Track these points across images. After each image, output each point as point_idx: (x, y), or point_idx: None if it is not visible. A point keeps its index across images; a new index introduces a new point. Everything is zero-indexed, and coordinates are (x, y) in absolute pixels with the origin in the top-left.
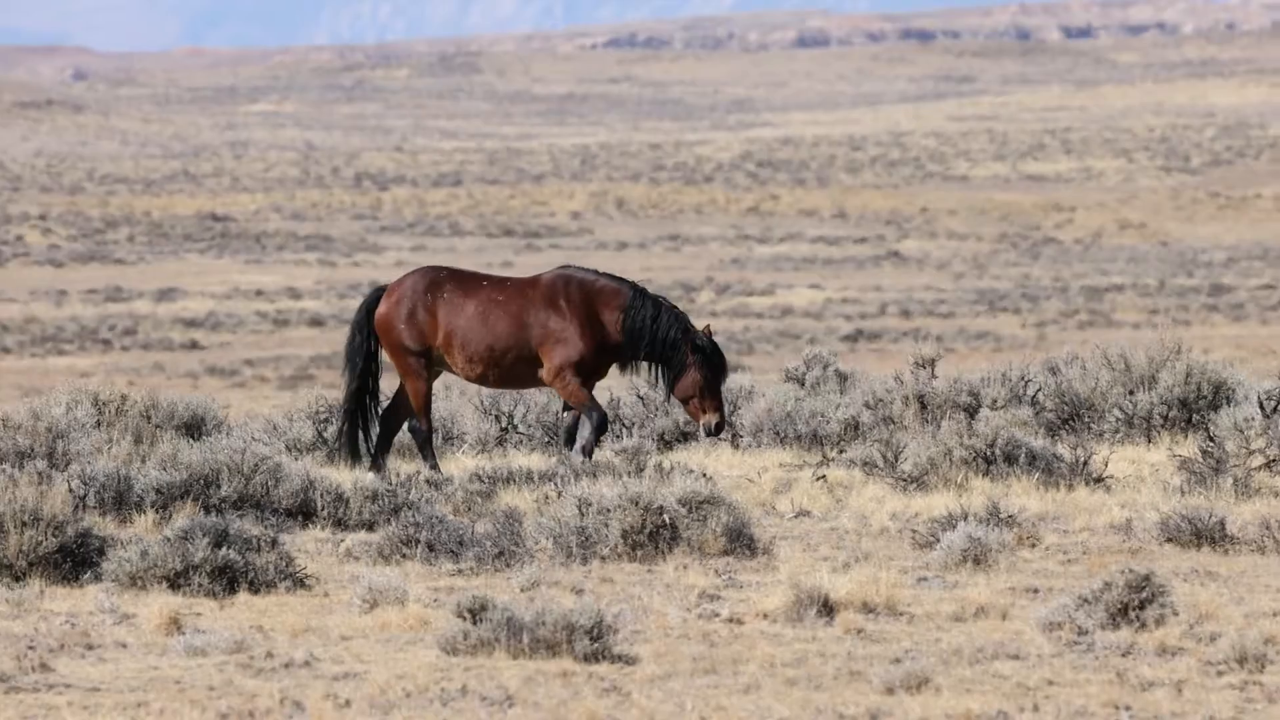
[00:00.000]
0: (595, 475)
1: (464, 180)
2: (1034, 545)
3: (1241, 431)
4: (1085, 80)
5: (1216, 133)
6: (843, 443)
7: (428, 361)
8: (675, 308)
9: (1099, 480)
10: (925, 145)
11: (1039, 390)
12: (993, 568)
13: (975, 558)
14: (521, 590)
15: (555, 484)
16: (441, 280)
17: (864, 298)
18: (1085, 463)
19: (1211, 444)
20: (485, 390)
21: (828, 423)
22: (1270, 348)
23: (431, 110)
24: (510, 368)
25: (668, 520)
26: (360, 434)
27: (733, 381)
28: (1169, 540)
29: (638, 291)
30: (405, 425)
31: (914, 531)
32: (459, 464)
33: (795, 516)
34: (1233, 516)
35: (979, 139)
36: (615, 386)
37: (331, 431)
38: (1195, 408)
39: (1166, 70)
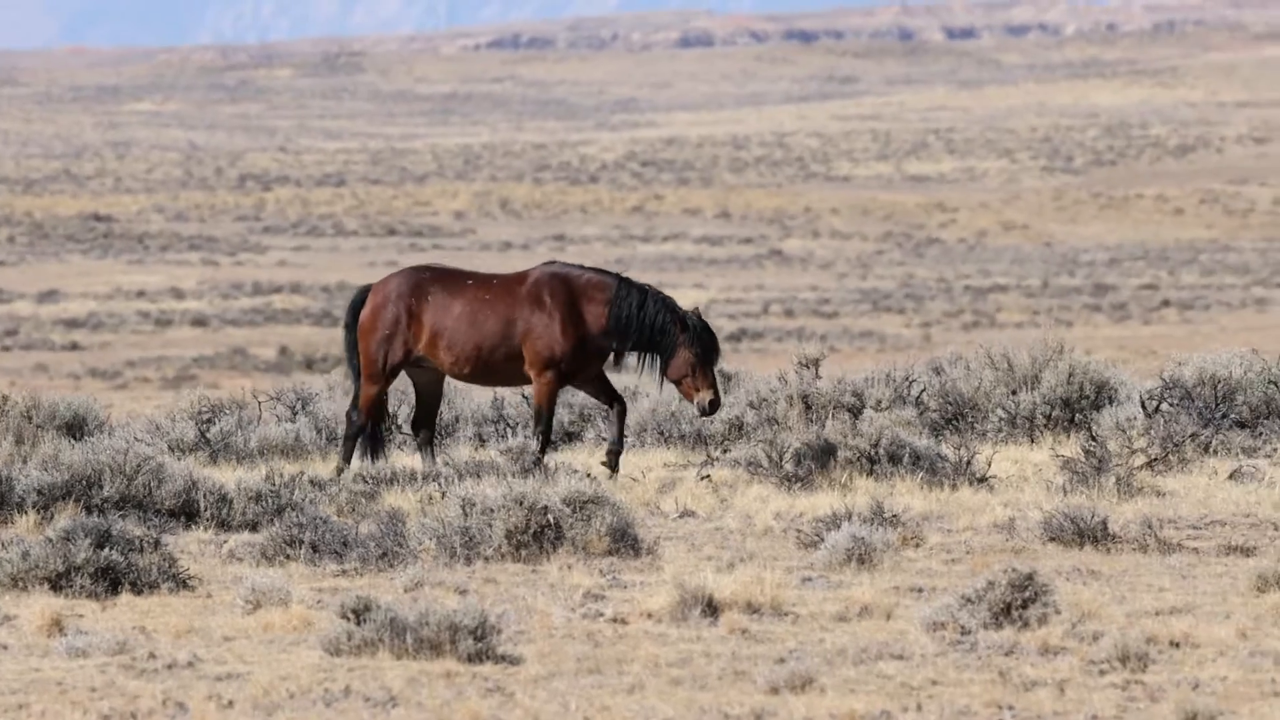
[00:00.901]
0: (479, 474)
1: (348, 180)
2: (918, 545)
3: (1124, 431)
4: (968, 81)
5: (1099, 133)
6: (727, 442)
7: (395, 370)
8: (661, 293)
9: (982, 480)
10: (809, 145)
11: (923, 390)
12: (877, 567)
13: (859, 557)
14: (405, 591)
15: (439, 484)
16: (425, 281)
17: (748, 297)
18: (969, 462)
19: (1094, 443)
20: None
21: (712, 422)
22: (1152, 348)
23: (315, 110)
24: (499, 365)
25: (552, 520)
26: (348, 440)
27: (615, 381)
28: (1052, 539)
29: (623, 282)
30: (346, 413)
31: (798, 531)
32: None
33: (680, 516)
34: (1115, 516)
35: (862, 139)
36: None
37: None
38: (1078, 407)
39: (1049, 71)
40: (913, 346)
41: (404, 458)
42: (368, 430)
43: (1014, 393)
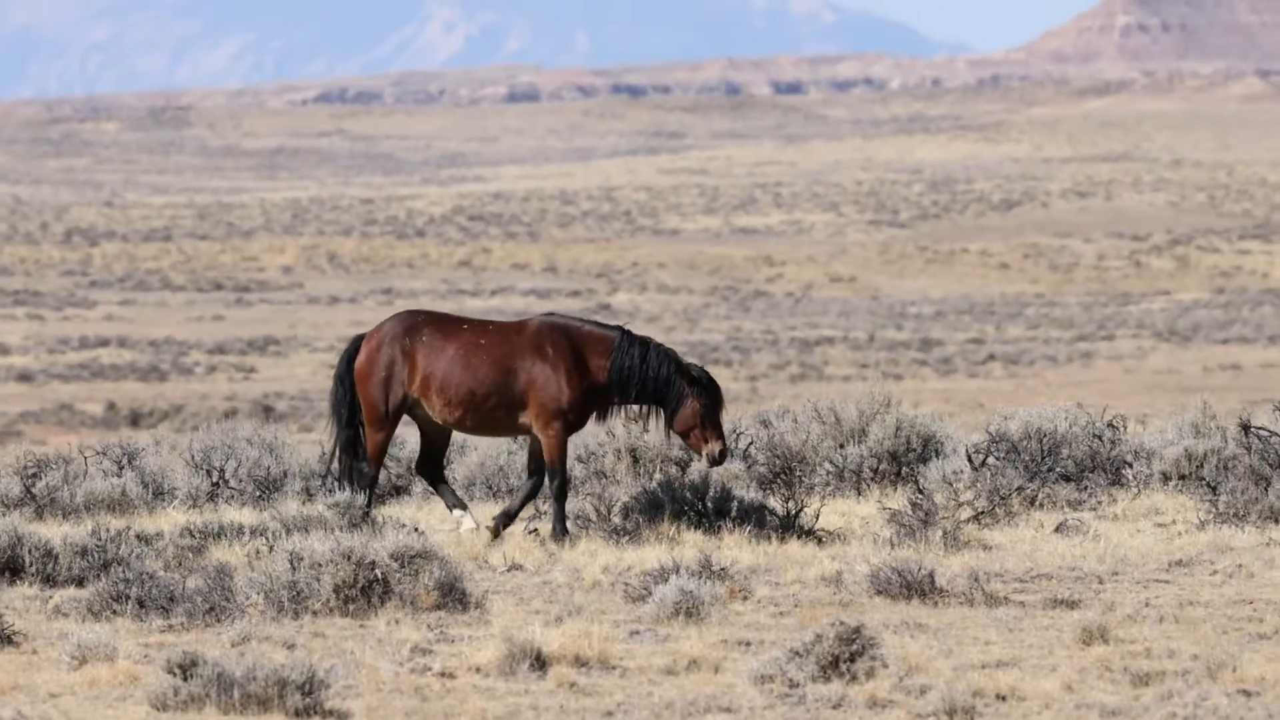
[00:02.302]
0: (307, 529)
1: (174, 235)
2: (746, 598)
3: (950, 484)
4: (795, 135)
5: (924, 187)
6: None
7: (397, 414)
8: (663, 346)
9: (810, 533)
10: (636, 199)
11: (751, 443)
12: (705, 621)
13: (687, 611)
14: (232, 645)
15: (266, 539)
16: (419, 325)
17: None
18: (797, 515)
19: (921, 496)
20: (195, 446)
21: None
22: (978, 401)
23: (142, 165)
24: (490, 413)
25: (380, 575)
26: (356, 488)
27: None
28: (879, 593)
29: (625, 334)
30: (354, 463)
31: (626, 585)
32: (169, 519)
33: (508, 570)
34: (942, 569)
35: (690, 193)
36: (327, 440)
37: (328, 481)
38: (905, 461)
39: (875, 126)
40: (740, 399)
41: (232, 512)
42: (360, 469)
43: (841, 446)
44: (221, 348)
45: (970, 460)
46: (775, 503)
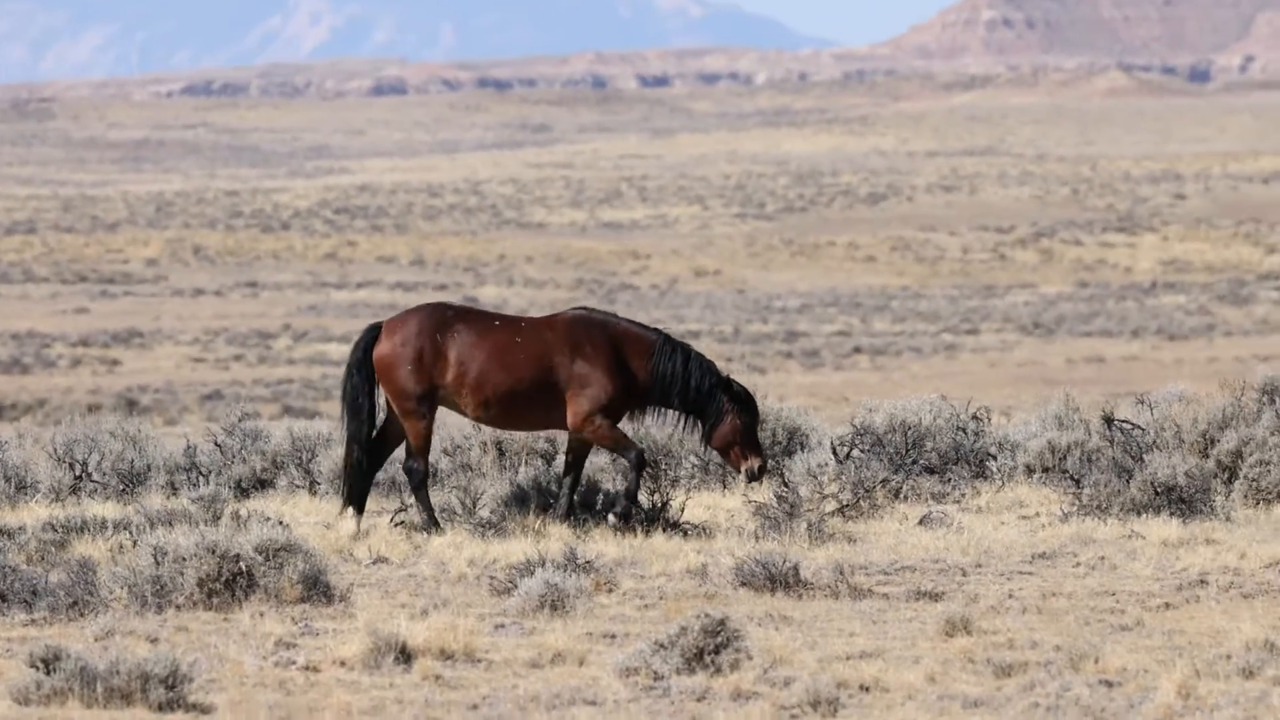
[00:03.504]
0: (171, 522)
1: (38, 227)
2: (611, 591)
3: (815, 477)
4: (661, 129)
5: (790, 181)
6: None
7: (431, 402)
8: (703, 355)
9: (676, 526)
10: (502, 193)
11: None
12: (570, 613)
13: (553, 604)
14: (96, 640)
15: (130, 532)
16: (451, 319)
17: None
18: (662, 509)
19: (786, 489)
20: (58, 439)
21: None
22: (844, 394)
23: (5, 157)
24: (524, 408)
25: (244, 568)
26: (366, 480)
27: (309, 429)
28: (744, 585)
29: (665, 338)
30: (402, 465)
31: (492, 578)
32: (32, 512)
33: (373, 563)
34: (806, 561)
35: (555, 186)
36: (191, 433)
37: (334, 473)
38: (770, 454)
39: (741, 119)
40: None
41: (95, 506)
42: (364, 467)
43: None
44: (85, 340)
45: (835, 453)
46: (641, 495)
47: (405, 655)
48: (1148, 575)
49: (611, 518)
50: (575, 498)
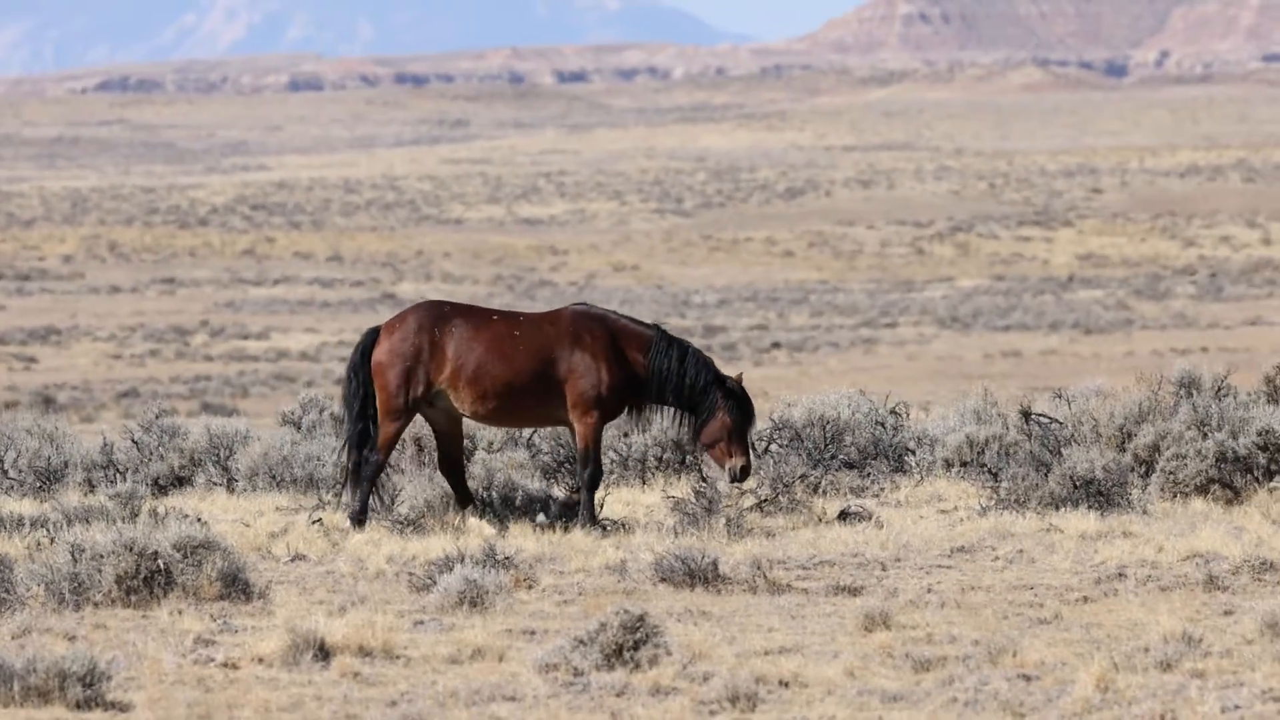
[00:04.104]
0: (89, 520)
1: None
2: (530, 587)
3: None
4: (579, 124)
5: (708, 176)
6: (339, 486)
7: (416, 406)
8: (700, 352)
9: (595, 522)
10: (420, 188)
11: (534, 432)
12: (489, 610)
13: (472, 600)
14: (13, 638)
15: (47, 530)
16: (448, 315)
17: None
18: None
19: (704, 485)
20: None
21: (324, 466)
22: (762, 389)
23: None
24: (524, 404)
25: (162, 565)
26: (365, 481)
27: (227, 426)
28: (663, 581)
29: (662, 334)
30: (363, 455)
31: (411, 574)
32: None
33: (292, 560)
34: (725, 557)
35: (473, 182)
36: (109, 430)
37: (336, 477)
38: (689, 450)
39: (658, 114)
40: None
41: (11, 503)
42: (370, 459)
43: (626, 435)
44: (1, 338)
45: (754, 448)
46: (560, 492)
47: (324, 652)
48: (1066, 569)
49: (542, 517)
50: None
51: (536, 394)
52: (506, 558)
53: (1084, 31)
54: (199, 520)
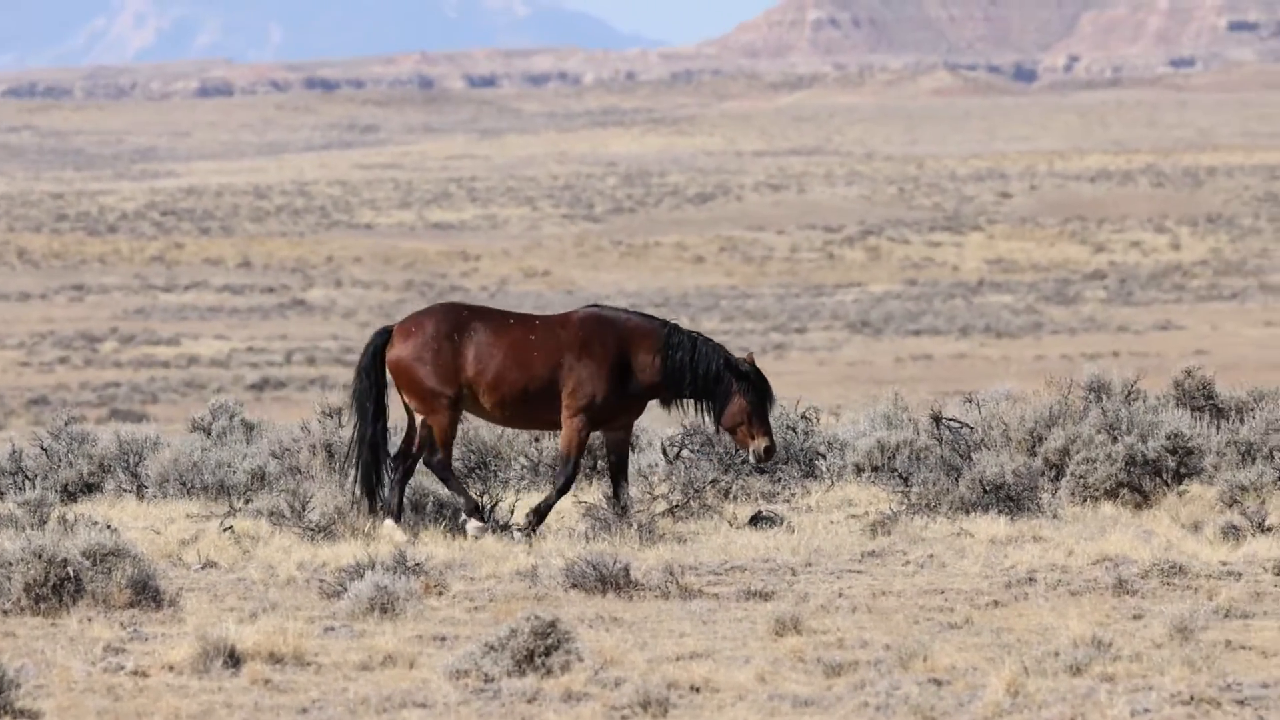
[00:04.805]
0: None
1: None
2: (441, 593)
3: (645, 477)
4: (489, 129)
5: (618, 181)
6: (249, 493)
7: (458, 397)
8: (711, 340)
9: (506, 527)
10: (330, 194)
11: None
12: (400, 616)
13: (382, 606)
14: None
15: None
16: (467, 319)
17: (270, 346)
18: (492, 510)
19: (616, 490)
20: None
21: (234, 473)
22: None
23: None
24: (539, 408)
25: (71, 573)
26: (375, 480)
27: (137, 432)
28: (574, 586)
29: (672, 329)
30: (421, 460)
31: (321, 581)
32: None
33: (202, 568)
34: (637, 562)
35: (384, 188)
36: (17, 437)
37: (346, 481)
38: (600, 455)
39: (569, 119)
40: None
41: None
42: (377, 469)
43: (537, 440)
44: None
45: (665, 453)
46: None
47: (234, 659)
48: (976, 573)
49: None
50: (623, 497)
51: (550, 398)
52: (417, 564)
53: (993, 36)
54: (109, 527)
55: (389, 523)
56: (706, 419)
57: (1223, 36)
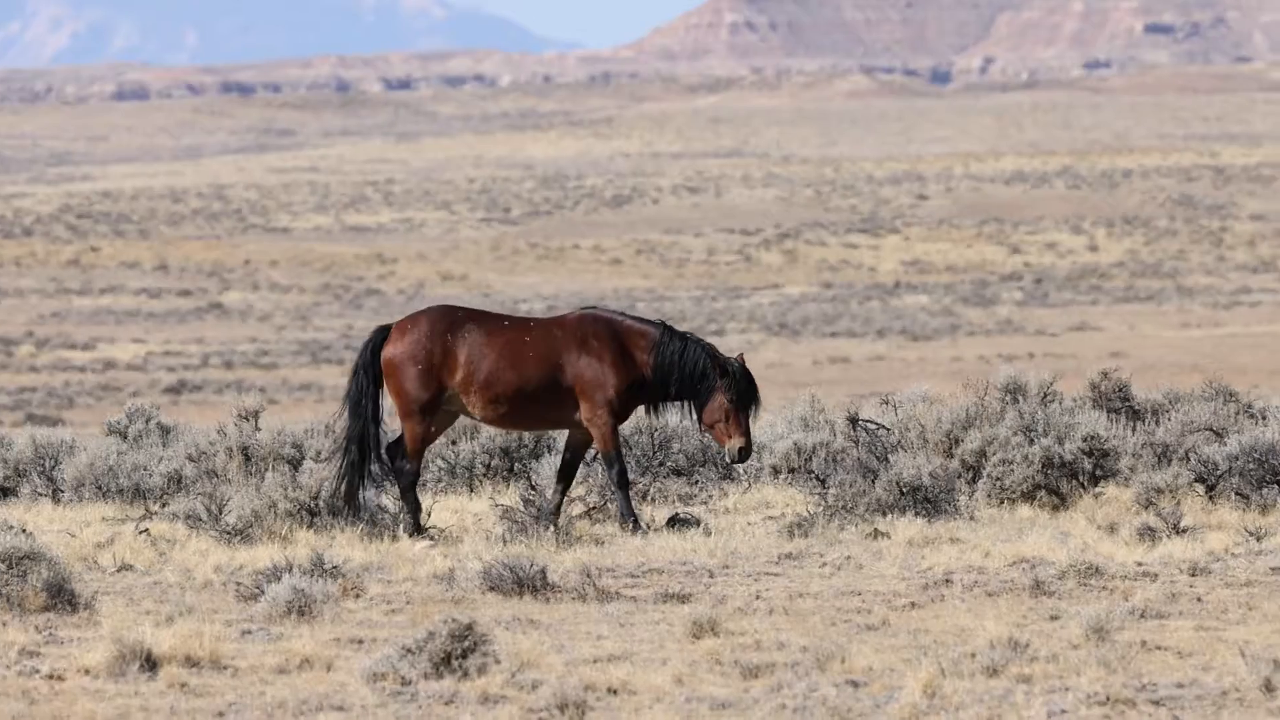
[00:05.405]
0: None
1: None
2: (358, 596)
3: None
4: (406, 133)
5: (535, 184)
6: (166, 496)
7: (435, 404)
8: (703, 340)
9: (422, 530)
10: (247, 197)
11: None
12: (317, 619)
13: (300, 609)
14: None
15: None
16: (461, 320)
17: (187, 350)
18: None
19: (533, 493)
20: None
21: (151, 476)
22: None
23: None
24: (535, 409)
25: None
26: (361, 481)
27: (53, 436)
28: (492, 589)
29: (666, 329)
30: (393, 465)
31: (238, 584)
32: None
33: (118, 571)
34: (554, 565)
35: (301, 191)
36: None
37: (328, 478)
38: (517, 457)
39: (486, 123)
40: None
41: None
42: (402, 467)
43: (453, 442)
44: None
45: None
46: (388, 500)
47: (150, 663)
48: (893, 575)
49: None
50: (563, 500)
51: (546, 399)
52: (334, 567)
53: (909, 39)
54: (24, 531)
55: (419, 544)
56: (691, 419)
57: (1138, 39)
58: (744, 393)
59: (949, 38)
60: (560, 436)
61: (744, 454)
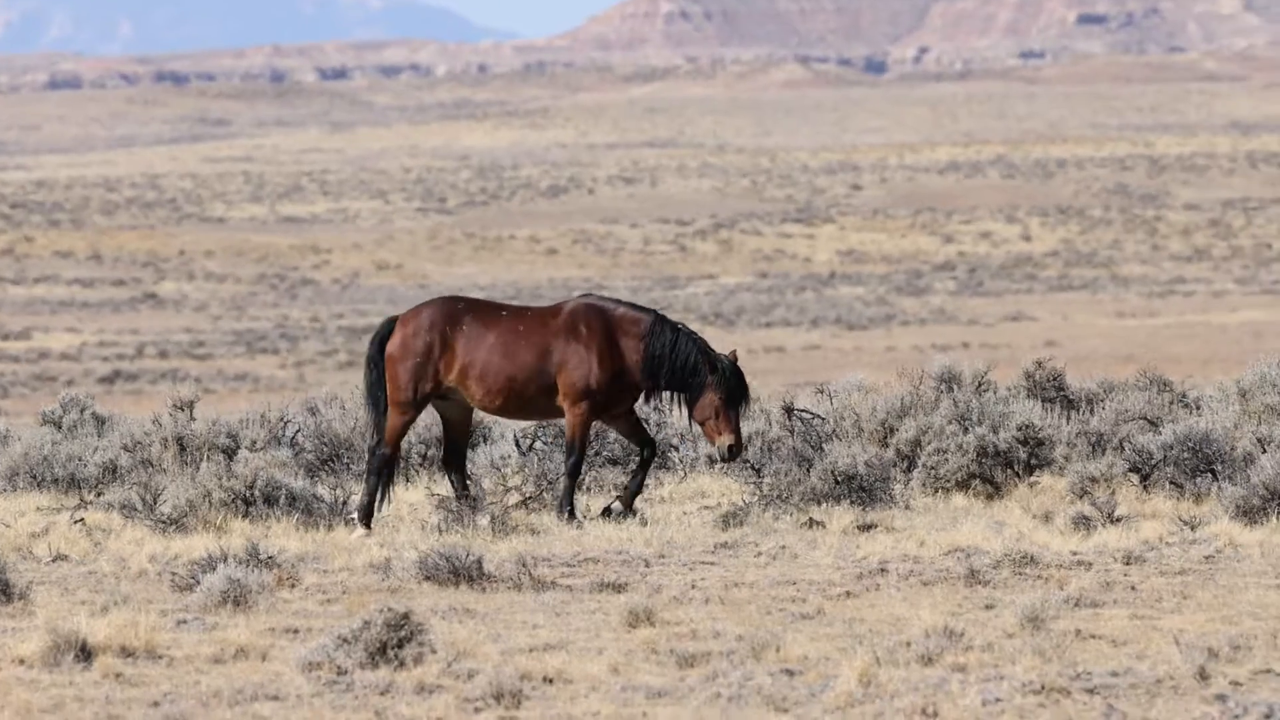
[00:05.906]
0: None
1: None
2: (294, 586)
3: (498, 469)
4: (341, 123)
5: (471, 174)
6: (101, 486)
7: (424, 399)
8: (694, 333)
9: (369, 516)
10: (181, 187)
11: (298, 431)
12: (252, 609)
13: (235, 599)
14: None
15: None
16: (459, 313)
17: (121, 340)
18: (345, 503)
19: (469, 482)
20: None
21: (85, 466)
22: None
23: None
24: (530, 398)
25: None
26: (371, 475)
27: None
28: (428, 579)
29: (658, 318)
30: (366, 446)
31: (174, 574)
32: None
33: (53, 561)
34: (490, 554)
35: (235, 181)
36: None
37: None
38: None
39: (421, 112)
40: (287, 387)
41: None
42: (379, 458)
43: None
44: None
45: (518, 445)
46: (323, 490)
47: (85, 653)
48: (829, 564)
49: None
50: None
51: (540, 388)
52: (269, 557)
53: (844, 28)
54: None
55: (355, 533)
56: (682, 412)
57: (1071, 29)
58: (734, 390)
59: (884, 27)
60: (496, 425)
61: (734, 451)
